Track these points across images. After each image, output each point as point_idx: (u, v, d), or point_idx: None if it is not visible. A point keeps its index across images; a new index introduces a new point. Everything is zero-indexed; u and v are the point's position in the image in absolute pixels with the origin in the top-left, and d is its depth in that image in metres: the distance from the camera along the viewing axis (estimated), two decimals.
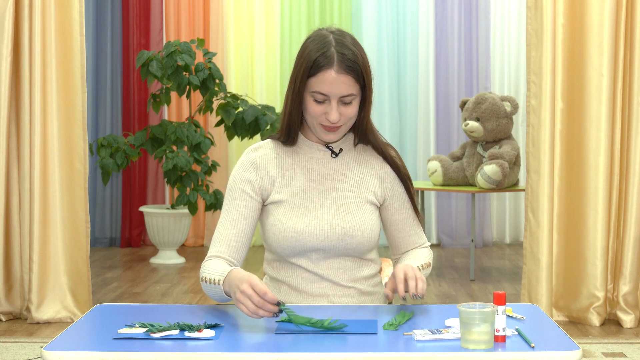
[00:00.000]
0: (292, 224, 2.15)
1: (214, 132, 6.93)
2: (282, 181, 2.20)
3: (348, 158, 2.24)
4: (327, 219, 2.16)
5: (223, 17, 7.20)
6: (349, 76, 2.09)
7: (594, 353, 3.89)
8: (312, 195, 2.19)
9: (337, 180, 2.21)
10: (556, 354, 1.69)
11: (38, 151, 4.37)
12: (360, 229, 2.16)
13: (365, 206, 2.19)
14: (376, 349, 1.74)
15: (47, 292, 4.42)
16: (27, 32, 4.37)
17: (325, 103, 2.11)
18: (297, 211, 2.16)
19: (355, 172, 2.23)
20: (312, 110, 2.12)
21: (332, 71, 2.08)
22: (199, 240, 7.28)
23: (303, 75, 2.11)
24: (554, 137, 4.39)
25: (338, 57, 2.09)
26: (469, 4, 7.22)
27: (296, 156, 2.23)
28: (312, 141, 2.23)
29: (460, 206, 7.28)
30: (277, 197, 2.18)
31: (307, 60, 2.10)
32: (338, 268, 2.18)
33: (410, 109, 7.27)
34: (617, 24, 4.30)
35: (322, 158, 2.23)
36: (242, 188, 2.19)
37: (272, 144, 2.25)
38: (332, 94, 2.09)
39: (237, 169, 2.23)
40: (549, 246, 4.40)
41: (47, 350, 1.70)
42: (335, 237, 2.15)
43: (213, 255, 2.15)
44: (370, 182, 2.22)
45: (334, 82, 2.08)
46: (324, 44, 2.11)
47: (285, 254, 2.17)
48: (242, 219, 2.18)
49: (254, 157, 2.22)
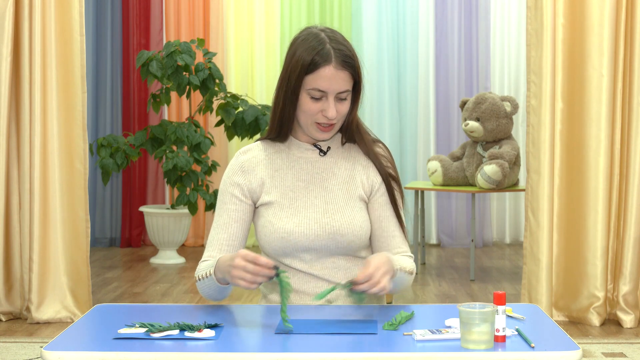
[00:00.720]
0: (282, 225, 2.15)
1: (214, 132, 6.93)
2: (271, 182, 2.20)
3: (336, 156, 2.24)
4: (316, 217, 2.15)
5: (223, 17, 7.20)
6: (346, 72, 2.10)
7: (594, 353, 3.89)
8: (302, 195, 2.19)
9: (325, 179, 2.21)
10: (556, 354, 1.69)
11: (38, 151, 4.37)
12: (350, 227, 2.15)
13: (354, 203, 2.19)
14: (376, 349, 1.74)
15: (47, 292, 4.42)
16: (27, 32, 4.37)
17: (322, 100, 2.11)
18: (287, 211, 2.17)
19: (343, 169, 2.23)
20: (308, 108, 2.12)
21: (331, 67, 2.09)
22: (199, 240, 7.28)
23: (300, 73, 2.10)
24: (554, 137, 4.39)
25: (335, 53, 2.10)
26: (469, 4, 7.22)
27: (285, 156, 2.23)
28: (301, 141, 2.23)
29: (460, 206, 7.28)
30: (266, 199, 2.19)
31: (303, 58, 2.10)
32: (332, 268, 2.18)
33: (410, 109, 7.26)
34: (617, 24, 4.30)
35: (311, 157, 2.23)
36: (232, 192, 2.21)
37: (261, 146, 2.26)
38: (330, 89, 2.10)
39: (227, 172, 2.25)
40: (549, 246, 4.40)
41: (47, 350, 1.70)
42: (325, 236, 2.14)
43: (205, 260, 2.19)
44: (358, 178, 2.22)
45: (332, 78, 2.09)
46: (319, 41, 2.11)
47: (277, 254, 2.18)
48: (233, 222, 2.19)
49: (243, 160, 2.24)
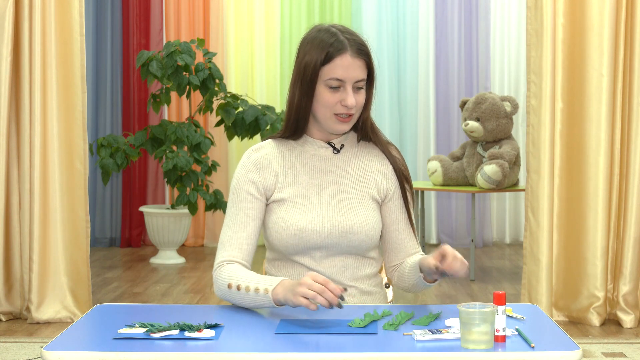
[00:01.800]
0: (294, 222, 2.14)
1: (214, 132, 6.93)
2: (284, 179, 2.19)
3: (350, 154, 2.24)
4: (329, 215, 2.15)
5: (223, 17, 7.20)
6: (362, 60, 2.12)
7: (594, 353, 3.89)
8: (315, 192, 2.18)
9: (339, 177, 2.20)
10: (556, 354, 1.69)
11: (38, 151, 4.37)
12: (363, 226, 2.15)
13: (367, 203, 2.19)
14: (376, 349, 1.73)
15: (47, 292, 4.42)
16: (27, 32, 4.37)
17: (340, 90, 2.11)
18: (300, 208, 2.16)
19: (357, 168, 2.22)
20: (326, 100, 2.12)
21: (347, 55, 2.10)
22: (199, 240, 7.28)
23: (315, 65, 2.11)
24: (554, 137, 4.39)
25: (350, 42, 2.11)
26: (469, 4, 7.22)
27: (298, 154, 2.22)
28: (315, 138, 2.23)
29: (460, 206, 7.28)
30: (279, 196, 2.18)
31: (318, 51, 2.11)
32: (340, 266, 2.18)
33: (410, 109, 7.27)
34: (617, 24, 4.30)
35: (324, 155, 2.22)
36: (247, 190, 2.18)
37: (273, 143, 2.25)
38: (348, 78, 2.10)
39: (240, 170, 2.21)
40: (549, 246, 4.40)
41: (47, 350, 1.70)
42: (337, 235, 2.14)
43: (227, 260, 2.12)
44: (372, 178, 2.22)
45: (350, 66, 2.10)
46: (331, 34, 2.13)
47: (288, 252, 2.16)
48: (250, 221, 2.16)
49: (256, 158, 2.21)
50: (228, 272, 2.08)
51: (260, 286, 1.98)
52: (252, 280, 2.02)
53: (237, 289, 2.03)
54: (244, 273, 2.07)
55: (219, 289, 2.09)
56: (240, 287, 2.02)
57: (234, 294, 2.04)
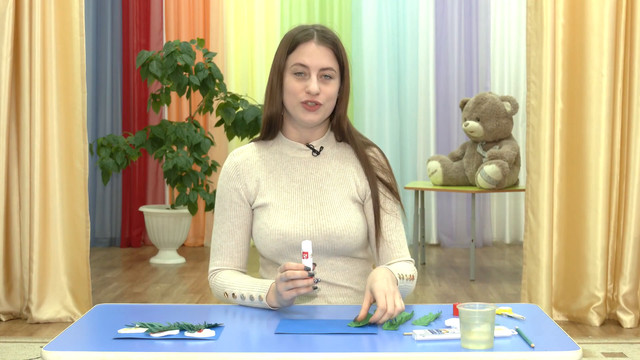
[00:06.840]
0: (277, 227, 2.15)
1: (214, 132, 6.93)
2: (265, 184, 2.20)
3: (330, 156, 2.24)
4: (312, 219, 2.15)
5: (223, 17, 7.20)
6: (328, 49, 2.14)
7: (594, 353, 3.89)
8: (296, 196, 2.18)
9: (319, 179, 2.21)
10: (556, 354, 1.69)
11: (38, 151, 4.37)
12: (346, 230, 2.15)
13: (349, 205, 2.18)
14: (376, 349, 1.73)
15: (47, 292, 4.42)
16: (27, 32, 4.37)
17: (306, 78, 2.13)
18: (282, 213, 2.16)
19: (337, 169, 2.22)
20: (292, 87, 2.13)
21: (312, 43, 2.13)
22: (199, 240, 7.28)
23: (282, 54, 2.15)
24: (554, 137, 4.39)
25: (318, 33, 2.15)
26: (469, 4, 7.22)
27: (278, 157, 2.23)
28: (293, 140, 2.23)
29: (460, 206, 7.28)
30: (261, 201, 2.19)
31: (287, 42, 2.16)
32: (331, 269, 2.18)
33: (410, 109, 7.27)
34: (617, 24, 4.30)
35: (304, 157, 2.23)
36: (231, 198, 2.21)
37: (254, 147, 2.27)
38: (313, 64, 2.12)
39: (222, 177, 2.24)
40: (549, 246, 4.40)
41: (47, 350, 1.70)
42: (321, 238, 2.14)
43: (220, 269, 2.20)
44: (352, 179, 2.22)
45: (314, 53, 2.12)
46: (303, 27, 2.18)
47: (273, 256, 2.18)
48: (237, 229, 2.20)
49: (237, 162, 2.24)
50: (221, 280, 2.16)
51: (254, 293, 2.05)
52: (245, 287, 2.08)
53: (232, 297, 2.11)
54: (236, 279, 2.13)
55: (217, 294, 2.18)
56: (236, 296, 2.10)
57: (231, 301, 2.13)
